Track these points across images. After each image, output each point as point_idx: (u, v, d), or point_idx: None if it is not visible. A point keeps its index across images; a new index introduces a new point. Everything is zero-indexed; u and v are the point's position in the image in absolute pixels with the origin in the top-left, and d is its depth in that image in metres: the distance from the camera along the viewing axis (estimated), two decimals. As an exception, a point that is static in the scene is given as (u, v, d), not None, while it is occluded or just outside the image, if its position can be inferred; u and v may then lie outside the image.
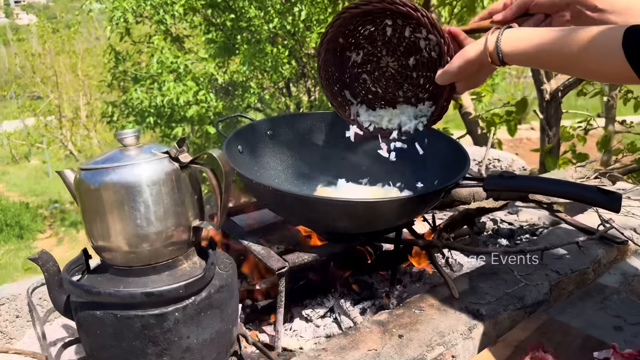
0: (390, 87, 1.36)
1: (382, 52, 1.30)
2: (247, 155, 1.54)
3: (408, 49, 1.27)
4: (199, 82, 6.09)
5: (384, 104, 1.40)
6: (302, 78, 7.33)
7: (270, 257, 1.24)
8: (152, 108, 5.96)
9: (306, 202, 1.20)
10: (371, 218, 1.25)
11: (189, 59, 6.15)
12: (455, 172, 1.42)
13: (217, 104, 6.24)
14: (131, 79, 6.43)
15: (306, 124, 1.70)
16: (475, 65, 1.10)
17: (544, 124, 2.77)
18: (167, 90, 5.79)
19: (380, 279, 1.64)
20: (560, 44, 0.95)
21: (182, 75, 5.94)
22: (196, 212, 1.00)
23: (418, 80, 1.32)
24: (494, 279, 1.46)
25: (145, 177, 0.92)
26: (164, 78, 5.86)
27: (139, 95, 5.91)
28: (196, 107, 6.05)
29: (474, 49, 1.09)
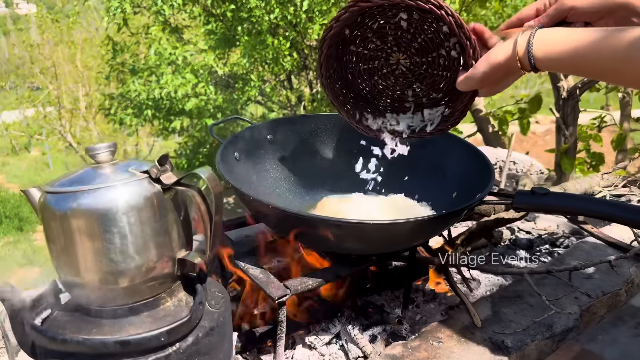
0: (399, 86, 1.22)
1: (393, 48, 1.16)
2: (245, 162, 1.39)
3: (424, 46, 1.12)
4: (198, 74, 5.92)
5: (390, 103, 1.26)
6: (304, 70, 7.16)
7: (269, 283, 1.10)
8: (150, 101, 5.80)
9: (311, 223, 1.06)
10: (384, 240, 1.11)
11: (188, 50, 5.98)
12: (476, 184, 1.27)
13: (217, 97, 6.07)
14: (129, 71, 6.27)
15: (309, 127, 1.55)
16: (502, 71, 0.96)
17: (560, 123, 2.62)
18: (165, 82, 5.63)
19: (391, 297, 1.50)
20: (605, 48, 0.80)
21: (181, 67, 5.77)
22: (182, 241, 0.86)
23: (432, 80, 1.17)
24: (519, 303, 1.32)
25: (122, 203, 0.78)
26: (162, 70, 5.69)
27: (137, 88, 5.75)
28: (195, 100, 5.89)
29: (501, 52, 0.94)
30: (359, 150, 1.55)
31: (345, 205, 1.38)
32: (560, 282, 1.38)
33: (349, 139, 1.56)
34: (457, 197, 1.34)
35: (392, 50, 1.16)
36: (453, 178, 1.39)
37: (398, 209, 1.35)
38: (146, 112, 5.92)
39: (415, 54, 1.15)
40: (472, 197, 1.23)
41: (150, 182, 0.80)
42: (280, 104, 7.03)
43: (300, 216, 1.04)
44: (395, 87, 1.23)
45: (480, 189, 1.21)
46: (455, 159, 1.41)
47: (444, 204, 1.36)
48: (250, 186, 1.36)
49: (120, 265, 0.79)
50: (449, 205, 1.35)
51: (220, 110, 6.29)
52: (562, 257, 1.55)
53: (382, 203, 1.39)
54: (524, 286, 1.39)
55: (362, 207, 1.36)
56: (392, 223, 1.03)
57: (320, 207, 1.41)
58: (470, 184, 1.31)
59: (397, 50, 1.16)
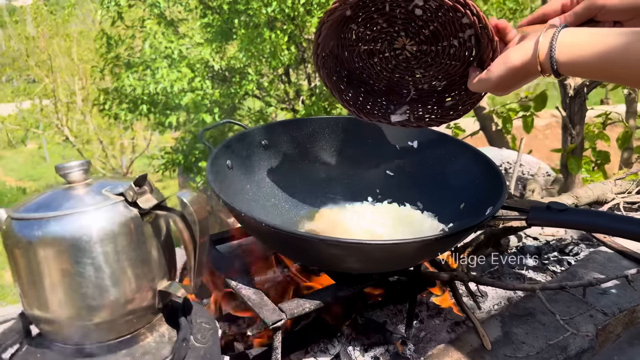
0: (399, 71, 1.14)
1: (400, 32, 1.06)
2: (238, 170, 1.30)
3: (435, 34, 1.03)
4: (194, 68, 5.81)
5: (386, 86, 1.17)
6: (302, 63, 7.04)
7: (263, 305, 1.01)
8: (145, 96, 5.69)
9: (307, 243, 0.97)
10: (388, 260, 1.02)
11: (184, 44, 5.86)
12: (486, 194, 1.19)
13: (214, 91, 5.96)
14: (124, 65, 6.15)
15: (307, 130, 1.46)
16: (520, 75, 0.87)
17: (567, 122, 2.52)
18: (160, 77, 5.51)
19: (393, 311, 1.41)
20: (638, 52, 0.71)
21: (177, 62, 5.65)
22: (163, 270, 0.77)
23: (438, 68, 1.09)
24: (530, 322, 1.23)
25: (94, 231, 0.69)
26: (158, 64, 5.58)
27: (132, 83, 5.64)
28: (191, 95, 5.78)
29: (520, 54, 0.86)
30: (360, 156, 1.47)
31: (345, 217, 1.29)
32: (574, 299, 1.30)
33: (350, 143, 1.47)
34: (465, 209, 1.25)
35: (399, 34, 1.07)
36: (460, 187, 1.31)
37: (403, 221, 1.26)
38: (141, 107, 5.81)
39: (424, 41, 1.06)
40: (482, 208, 1.15)
41: (126, 206, 0.71)
42: (278, 98, 6.92)
43: (297, 235, 0.95)
44: (395, 71, 1.15)
45: (491, 201, 1.12)
46: (462, 166, 1.32)
47: (451, 215, 1.27)
48: (244, 196, 1.28)
49: (94, 299, 0.70)
50: (456, 217, 1.26)
51: (217, 105, 6.17)
52: (574, 269, 1.47)
53: (385, 214, 1.30)
54: (535, 302, 1.30)
55: (363, 220, 1.27)
56: (397, 243, 0.94)
57: (319, 219, 1.33)
58: (479, 194, 1.23)
59: (404, 35, 1.07)
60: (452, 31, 1.01)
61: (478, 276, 1.30)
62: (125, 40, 6.24)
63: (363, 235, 1.23)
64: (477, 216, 1.14)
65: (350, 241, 0.93)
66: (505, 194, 1.10)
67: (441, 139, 1.40)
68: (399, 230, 1.23)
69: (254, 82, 6.14)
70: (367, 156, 1.45)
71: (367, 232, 1.23)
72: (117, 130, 12.29)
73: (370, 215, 1.29)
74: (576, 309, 1.28)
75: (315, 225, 1.29)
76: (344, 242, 0.93)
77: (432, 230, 1.24)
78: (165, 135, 8.16)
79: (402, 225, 1.24)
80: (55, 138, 14.31)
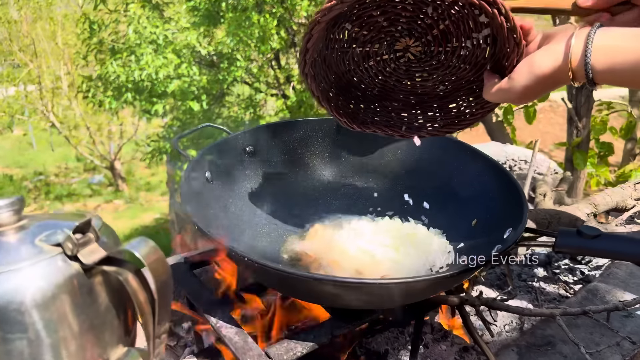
0: (397, 75, 0.98)
1: (404, 32, 0.90)
2: (219, 183, 1.15)
3: (445, 33, 0.88)
4: (180, 54, 5.60)
5: (379, 92, 1.01)
6: (292, 47, 6.85)
7: (247, 350, 0.86)
8: (130, 83, 5.48)
9: (298, 281, 0.82)
10: (393, 297, 0.87)
11: (169, 29, 5.64)
12: (501, 209, 1.05)
13: (201, 77, 5.76)
14: (108, 51, 5.92)
15: (297, 134, 1.30)
16: (548, 84, 0.73)
17: (573, 114, 2.38)
18: (145, 63, 5.31)
19: (395, 334, 1.27)
20: None
21: (162, 47, 5.44)
22: (118, 335, 0.61)
23: (444, 72, 0.93)
24: (550, 353, 1.10)
25: (27, 294, 0.54)
26: (142, 50, 5.36)
27: (115, 69, 5.42)
28: (178, 82, 5.58)
29: (548, 60, 0.71)
30: (357, 163, 1.32)
31: (342, 236, 1.14)
32: (597, 324, 1.17)
33: (346, 148, 1.32)
34: (478, 226, 1.11)
35: (402, 35, 0.91)
36: (471, 200, 1.16)
37: (406, 240, 1.11)
38: (126, 95, 5.60)
39: (432, 42, 0.90)
40: (498, 227, 1.01)
41: (65, 260, 0.56)
42: (268, 84, 6.73)
43: (287, 274, 0.80)
44: (392, 75, 0.99)
45: (509, 219, 0.99)
46: (473, 176, 1.18)
47: (462, 233, 1.13)
48: (226, 213, 1.12)
49: (27, 380, 0.55)
50: (467, 236, 1.12)
51: (205, 91, 5.98)
52: (594, 287, 1.33)
53: (386, 232, 1.15)
54: (554, 328, 1.17)
55: (361, 238, 1.13)
56: (408, 282, 0.79)
57: (312, 237, 1.18)
58: (494, 209, 1.09)
59: (407, 35, 0.91)
60: (465, 31, 0.86)
61: (490, 300, 1.16)
62: (108, 24, 6.01)
63: (362, 256, 1.08)
64: (493, 236, 1.01)
65: (349, 281, 0.78)
66: (527, 214, 0.95)
67: (447, 144, 1.25)
68: (402, 251, 1.09)
69: (243, 67, 5.95)
70: (365, 163, 1.31)
71: (366, 253, 1.09)
72: (104, 117, 12.06)
73: (370, 233, 1.14)
74: (599, 336, 1.14)
75: (308, 245, 1.14)
76: (342, 281, 0.78)
77: (440, 251, 1.09)
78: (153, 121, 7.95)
79: (406, 246, 1.10)
80: (41, 124, 14.08)
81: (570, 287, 1.57)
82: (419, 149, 1.26)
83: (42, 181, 12.43)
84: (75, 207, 10.87)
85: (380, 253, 1.08)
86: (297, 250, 1.14)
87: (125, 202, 10.83)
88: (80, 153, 12.03)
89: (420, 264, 1.06)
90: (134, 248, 0.55)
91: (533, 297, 1.50)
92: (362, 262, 1.06)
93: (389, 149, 1.30)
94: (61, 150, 14.12)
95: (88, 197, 11.30)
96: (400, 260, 1.05)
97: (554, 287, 1.57)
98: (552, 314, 1.12)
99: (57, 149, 14.66)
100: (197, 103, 5.83)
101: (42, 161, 13.44)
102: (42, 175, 12.72)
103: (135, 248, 0.55)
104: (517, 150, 2.09)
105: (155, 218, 9.69)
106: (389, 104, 1.03)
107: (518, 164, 2.05)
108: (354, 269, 1.04)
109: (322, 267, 1.05)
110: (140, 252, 0.55)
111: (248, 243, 1.13)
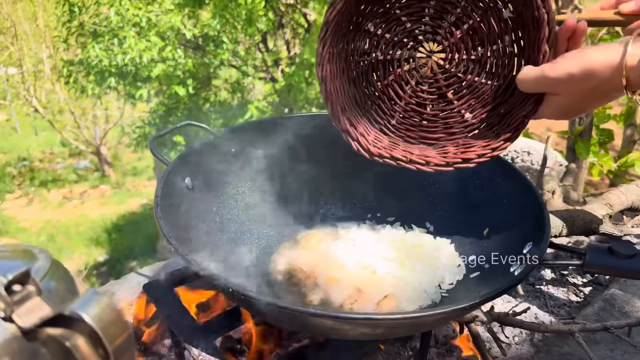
0: (417, 95, 0.86)
1: (427, 34, 0.79)
2: (201, 190, 1.02)
3: (470, 37, 0.76)
4: (164, 37, 5.41)
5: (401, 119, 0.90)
6: (280, 29, 6.66)
7: (234, 391, 0.75)
8: (113, 67, 5.29)
9: (297, 318, 0.70)
10: (402, 328, 0.76)
11: (153, 10, 5.43)
12: (516, 218, 0.94)
13: (186, 61, 5.57)
14: (90, 34, 5.71)
15: (288, 132, 1.17)
16: (595, 81, 0.62)
17: (576, 101, 2.27)
18: (128, 47, 5.11)
19: (396, 350, 1.17)
20: None
21: (145, 30, 5.24)
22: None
23: (471, 92, 0.82)
24: (570, 375, 1.00)
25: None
26: (125, 33, 5.17)
27: (97, 54, 5.23)
28: (162, 66, 5.39)
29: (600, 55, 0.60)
30: (354, 163, 1.20)
31: (338, 247, 1.02)
32: (617, 340, 1.07)
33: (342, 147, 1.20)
34: (490, 236, 1.00)
35: (425, 37, 0.79)
36: (480, 206, 1.05)
37: (411, 253, 1.00)
38: (109, 80, 5.41)
39: (456, 47, 0.78)
40: (513, 238, 0.91)
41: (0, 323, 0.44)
42: (255, 67, 6.54)
43: (281, 308, 0.68)
44: (413, 96, 0.87)
45: (525, 227, 0.88)
46: (484, 179, 1.06)
47: (472, 243, 1.02)
48: (209, 224, 1.00)
49: None
50: (479, 247, 1.00)
51: (191, 75, 5.79)
52: (611, 296, 1.23)
53: (390, 244, 1.03)
54: (572, 346, 1.07)
55: (360, 251, 1.01)
56: (414, 316, 0.68)
57: (305, 246, 1.06)
58: (508, 217, 0.97)
59: (430, 39, 0.79)
60: (490, 33, 0.74)
61: (503, 315, 1.05)
62: (89, 6, 5.78)
63: (362, 272, 0.97)
64: (509, 247, 0.89)
65: (354, 317, 0.66)
66: (549, 227, 0.84)
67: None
68: (408, 266, 0.97)
69: (229, 50, 5.76)
70: (364, 163, 1.18)
71: (366, 269, 0.97)
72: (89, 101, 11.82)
73: (370, 244, 1.03)
74: (621, 353, 1.05)
75: (302, 257, 1.02)
76: (345, 317, 0.67)
77: (449, 264, 0.98)
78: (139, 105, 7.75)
79: (411, 259, 0.98)
80: (24, 109, 13.83)
81: (580, 290, 1.48)
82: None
83: (27, 167, 12.23)
84: (60, 193, 10.67)
85: (383, 268, 0.96)
86: (290, 264, 1.02)
87: (112, 188, 10.65)
88: (65, 138, 11.80)
89: (428, 280, 0.95)
90: (82, 308, 0.43)
91: (542, 303, 1.40)
92: (362, 279, 0.94)
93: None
94: (45, 135, 13.88)
95: (74, 183, 11.11)
96: (405, 277, 0.94)
97: (562, 290, 1.48)
98: (570, 330, 1.02)
99: (42, 133, 14.42)
100: (182, 87, 5.65)
101: (26, 146, 13.22)
102: (26, 160, 12.51)
103: (83, 308, 0.43)
104: (519, 140, 1.98)
105: (143, 204, 9.52)
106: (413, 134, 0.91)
107: (520, 156, 1.94)
108: (354, 287, 0.93)
109: (319, 285, 0.94)
110: (90, 312, 0.43)
111: (235, 255, 1.02)
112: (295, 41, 6.94)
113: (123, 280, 1.30)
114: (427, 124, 0.90)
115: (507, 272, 0.82)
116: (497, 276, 0.85)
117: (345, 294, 0.91)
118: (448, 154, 0.83)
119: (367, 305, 0.88)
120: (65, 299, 0.52)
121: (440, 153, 0.84)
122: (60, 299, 0.51)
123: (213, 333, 0.86)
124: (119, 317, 0.44)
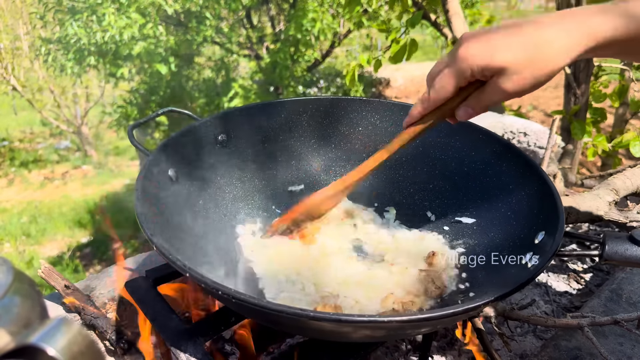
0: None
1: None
2: (185, 182, 0.94)
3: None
4: (145, 13, 5.23)
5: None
6: (265, 4, 6.50)
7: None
8: (92, 45, 5.12)
9: (291, 320, 0.64)
10: (405, 329, 0.70)
11: (132, -15, 5.25)
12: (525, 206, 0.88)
13: (168, 38, 5.41)
14: (68, 10, 5.51)
15: (278, 118, 1.10)
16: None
17: (571, 80, 2.21)
18: (107, 24, 4.94)
19: (394, 344, 1.12)
20: None
21: (125, 6, 5.06)
22: None
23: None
24: (578, 372, 0.95)
25: None
26: (104, 10, 4.98)
27: (76, 31, 5.05)
28: (143, 43, 5.23)
29: None
30: (348, 149, 1.13)
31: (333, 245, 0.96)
32: (626, 332, 1.02)
33: (334, 133, 1.13)
34: (497, 224, 0.94)
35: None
36: (484, 193, 0.98)
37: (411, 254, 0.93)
38: (89, 59, 5.24)
39: None
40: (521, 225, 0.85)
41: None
42: (240, 44, 6.39)
43: (272, 310, 0.61)
44: None
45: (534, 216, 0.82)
46: (486, 163, 0.99)
47: (478, 233, 0.96)
48: (196, 220, 0.93)
49: None
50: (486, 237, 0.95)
51: (173, 53, 5.63)
52: (618, 285, 1.18)
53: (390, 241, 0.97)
54: (580, 340, 1.02)
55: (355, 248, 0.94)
56: (422, 317, 0.61)
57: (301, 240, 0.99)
58: (514, 204, 0.91)
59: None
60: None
61: (509, 309, 1.00)
62: (66, -19, 5.57)
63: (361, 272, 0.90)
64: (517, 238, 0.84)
65: (357, 319, 0.59)
66: (563, 214, 0.78)
67: (455, 126, 1.07)
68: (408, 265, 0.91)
69: (213, 27, 5.61)
70: (357, 148, 1.12)
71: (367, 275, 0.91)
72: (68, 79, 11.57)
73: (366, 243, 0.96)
74: (630, 347, 1.00)
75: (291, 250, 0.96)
76: (347, 320, 0.60)
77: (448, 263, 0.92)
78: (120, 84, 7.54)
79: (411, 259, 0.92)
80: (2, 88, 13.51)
81: (580, 277, 1.43)
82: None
83: (6, 147, 11.99)
84: (42, 173, 10.47)
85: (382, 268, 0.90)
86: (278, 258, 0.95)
87: (94, 168, 10.48)
88: (45, 117, 11.55)
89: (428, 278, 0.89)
90: (48, 339, 0.36)
91: (543, 291, 1.35)
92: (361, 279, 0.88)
93: (387, 134, 1.11)
94: (25, 114, 13.60)
95: (55, 163, 10.91)
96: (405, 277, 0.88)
97: (563, 277, 1.43)
98: (579, 324, 0.97)
99: (21, 112, 14.14)
100: (164, 66, 5.50)
101: (5, 126, 12.94)
102: (6, 140, 12.26)
103: (49, 339, 0.36)
104: (516, 121, 1.92)
105: (126, 184, 9.37)
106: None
107: (517, 137, 1.88)
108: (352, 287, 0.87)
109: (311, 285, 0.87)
110: (57, 344, 0.36)
111: (225, 254, 0.95)
112: (280, 17, 6.78)
113: (103, 274, 1.23)
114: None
115: (519, 266, 0.76)
116: (510, 270, 0.80)
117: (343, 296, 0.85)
118: None
119: (368, 305, 0.82)
120: (30, 321, 0.45)
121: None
122: (24, 321, 0.44)
123: (201, 336, 0.79)
124: (90, 347, 0.37)
